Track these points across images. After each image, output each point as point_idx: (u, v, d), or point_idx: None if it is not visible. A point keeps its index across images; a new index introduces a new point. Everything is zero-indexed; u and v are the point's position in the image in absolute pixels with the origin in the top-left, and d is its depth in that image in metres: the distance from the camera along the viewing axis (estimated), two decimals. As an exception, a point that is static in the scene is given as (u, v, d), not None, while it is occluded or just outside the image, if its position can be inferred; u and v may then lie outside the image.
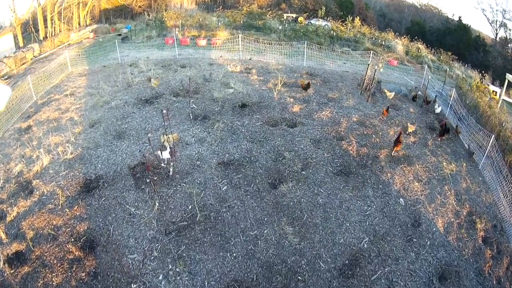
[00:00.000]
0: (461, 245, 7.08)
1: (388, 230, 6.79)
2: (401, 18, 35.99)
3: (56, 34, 22.93)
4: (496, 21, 32.85)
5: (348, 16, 25.84)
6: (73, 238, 6.16)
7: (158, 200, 6.73)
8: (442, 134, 10.33)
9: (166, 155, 7.34)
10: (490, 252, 7.32)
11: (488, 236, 7.66)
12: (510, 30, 32.06)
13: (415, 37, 24.68)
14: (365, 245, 6.41)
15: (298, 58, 16.70)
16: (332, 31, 23.42)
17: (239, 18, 25.00)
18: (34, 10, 23.52)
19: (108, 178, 7.35)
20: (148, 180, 7.19)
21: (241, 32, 19.36)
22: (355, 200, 7.26)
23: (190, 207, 6.63)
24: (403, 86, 14.37)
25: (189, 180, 7.25)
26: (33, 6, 23.25)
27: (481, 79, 19.03)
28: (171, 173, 7.34)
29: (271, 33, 22.34)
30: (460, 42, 29.41)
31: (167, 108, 9.40)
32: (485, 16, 34.18)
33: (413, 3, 37.88)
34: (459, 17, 32.89)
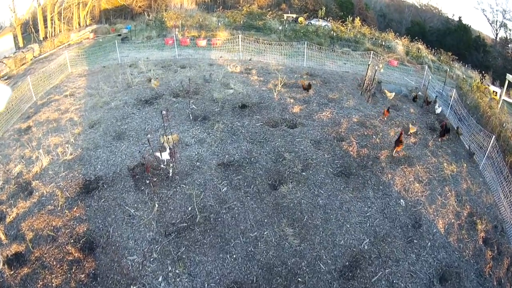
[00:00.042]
0: (462, 246, 7.06)
1: (389, 231, 6.76)
2: (401, 19, 35.98)
3: (56, 35, 22.94)
4: (496, 21, 32.89)
5: (348, 17, 25.84)
6: (73, 240, 6.14)
7: (158, 202, 6.70)
8: (443, 135, 10.32)
9: (166, 156, 7.30)
10: (491, 253, 7.29)
11: (489, 237, 7.64)
12: (510, 30, 32.09)
13: (415, 38, 24.69)
14: (366, 247, 6.38)
15: (298, 59, 16.69)
16: (332, 32, 23.42)
17: (239, 19, 25.00)
18: (34, 10, 23.53)
19: (108, 179, 7.32)
20: (148, 181, 7.16)
21: (241, 33, 19.35)
22: (356, 201, 7.23)
23: (190, 209, 6.61)
24: (404, 87, 14.35)
25: (189, 181, 7.22)
26: (33, 6, 23.27)
27: (481, 80, 19.01)
28: (171, 174, 7.32)
29: (271, 34, 22.34)
30: (460, 43, 29.41)
31: (167, 109, 9.36)
32: (485, 17, 34.23)
33: (413, 4, 37.92)
34: (459, 18, 32.94)
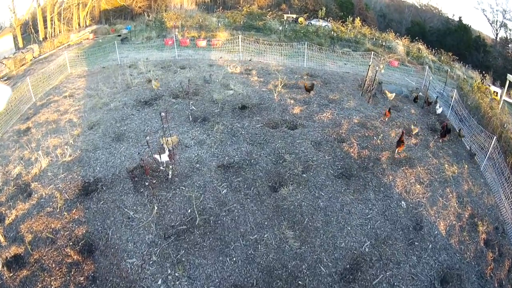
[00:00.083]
0: (463, 248, 7.02)
1: (390, 234, 6.72)
2: (401, 19, 35.96)
3: (56, 35, 22.91)
4: (497, 21, 32.87)
5: (349, 17, 25.81)
6: (72, 242, 6.11)
7: (157, 204, 6.66)
8: (444, 135, 10.29)
9: (165, 158, 7.26)
10: (492, 255, 7.27)
11: (490, 239, 7.60)
12: (511, 30, 32.06)
13: (416, 38, 24.67)
14: (367, 249, 6.34)
15: (299, 59, 16.65)
16: (333, 32, 23.38)
17: (239, 19, 24.97)
18: (34, 11, 23.50)
19: (107, 181, 7.29)
20: (147, 183, 7.12)
21: (241, 33, 19.31)
22: (356, 203, 7.19)
23: (190, 211, 6.56)
24: (404, 87, 14.31)
25: (189, 184, 7.18)
26: (33, 7, 23.23)
27: (482, 80, 18.97)
28: (170, 176, 7.27)
29: (271, 34, 22.31)
30: (461, 43, 29.39)
31: (166, 110, 9.33)
32: (486, 17, 34.23)
33: (413, 4, 37.92)
34: (460, 18, 32.94)
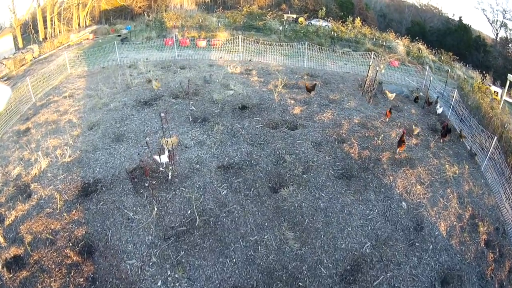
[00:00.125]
0: (464, 249, 7.01)
1: (390, 235, 6.70)
2: (402, 19, 35.95)
3: (56, 35, 22.90)
4: (497, 21, 32.87)
5: (349, 17, 25.80)
6: (71, 243, 6.08)
7: (157, 205, 6.63)
8: (444, 135, 10.28)
9: (165, 159, 7.23)
10: (493, 256, 7.26)
11: (491, 239, 7.59)
12: (511, 30, 32.04)
13: (416, 38, 24.67)
14: (367, 250, 6.31)
15: (299, 59, 16.63)
16: (333, 32, 23.36)
17: (239, 19, 24.94)
18: (34, 11, 23.49)
19: (107, 182, 7.26)
20: (147, 184, 7.09)
21: (241, 33, 19.29)
22: (357, 204, 7.16)
23: (189, 212, 6.54)
24: (405, 87, 14.29)
25: (188, 184, 7.15)
26: (33, 7, 23.23)
27: (482, 80, 18.94)
28: (170, 177, 7.25)
29: (272, 34, 22.29)
30: (461, 42, 29.38)
31: (166, 111, 9.32)
32: (486, 16, 34.23)
33: (413, 3, 37.93)
34: (460, 17, 32.97)
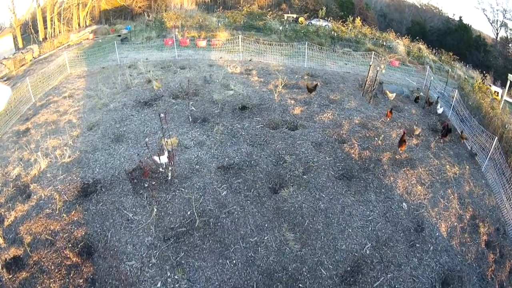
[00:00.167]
0: (464, 250, 6.98)
1: (391, 236, 6.67)
2: (402, 18, 35.90)
3: (56, 35, 22.88)
4: (497, 21, 32.86)
5: (349, 17, 25.78)
6: (71, 244, 6.06)
7: (156, 206, 6.60)
8: (445, 135, 10.26)
9: (164, 160, 7.20)
10: (493, 256, 7.23)
11: (491, 240, 7.57)
12: (511, 30, 32.01)
13: (416, 37, 24.65)
14: (368, 251, 6.29)
15: (299, 59, 16.60)
16: (333, 32, 23.34)
17: (240, 19, 24.91)
18: (34, 11, 23.47)
19: (106, 183, 7.24)
20: (146, 185, 7.07)
21: (242, 33, 19.27)
22: (358, 205, 7.14)
23: (189, 213, 6.51)
24: (405, 87, 14.26)
25: (188, 185, 7.13)
26: (33, 7, 23.20)
27: (483, 80, 18.92)
28: (170, 178, 7.22)
29: (272, 34, 22.27)
30: (461, 42, 29.35)
31: (165, 111, 9.29)
32: (486, 16, 34.21)
33: (414, 3, 37.90)
34: (460, 17, 32.96)
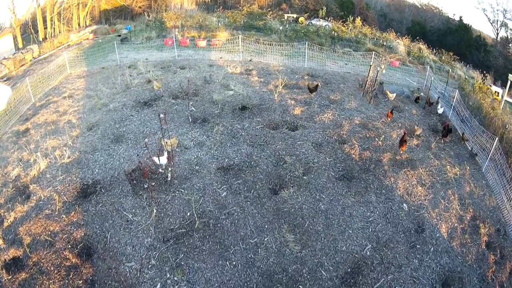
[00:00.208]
0: (465, 251, 6.97)
1: (391, 237, 6.65)
2: (402, 18, 35.89)
3: (56, 35, 22.86)
4: (497, 21, 32.86)
5: (349, 16, 25.78)
6: (70, 245, 6.04)
7: (156, 207, 6.59)
8: (445, 135, 10.24)
9: (164, 160, 7.17)
10: (494, 257, 7.22)
11: (492, 241, 7.55)
12: (511, 30, 31.98)
13: (416, 37, 24.65)
14: (368, 253, 6.27)
15: (299, 59, 16.56)
16: (333, 32, 23.32)
17: (240, 19, 24.90)
18: (34, 11, 23.45)
19: (105, 183, 7.22)
20: (146, 186, 7.05)
21: (242, 33, 19.24)
22: (358, 206, 7.11)
23: (189, 214, 6.49)
24: (406, 87, 14.23)
25: (188, 186, 7.11)
26: (33, 7, 23.18)
27: (483, 80, 18.89)
28: (169, 179, 7.20)
29: (272, 34, 22.25)
30: (461, 42, 29.34)
31: (165, 111, 9.27)
32: (486, 16, 34.20)
33: (414, 3, 37.89)
34: (460, 17, 32.97)
